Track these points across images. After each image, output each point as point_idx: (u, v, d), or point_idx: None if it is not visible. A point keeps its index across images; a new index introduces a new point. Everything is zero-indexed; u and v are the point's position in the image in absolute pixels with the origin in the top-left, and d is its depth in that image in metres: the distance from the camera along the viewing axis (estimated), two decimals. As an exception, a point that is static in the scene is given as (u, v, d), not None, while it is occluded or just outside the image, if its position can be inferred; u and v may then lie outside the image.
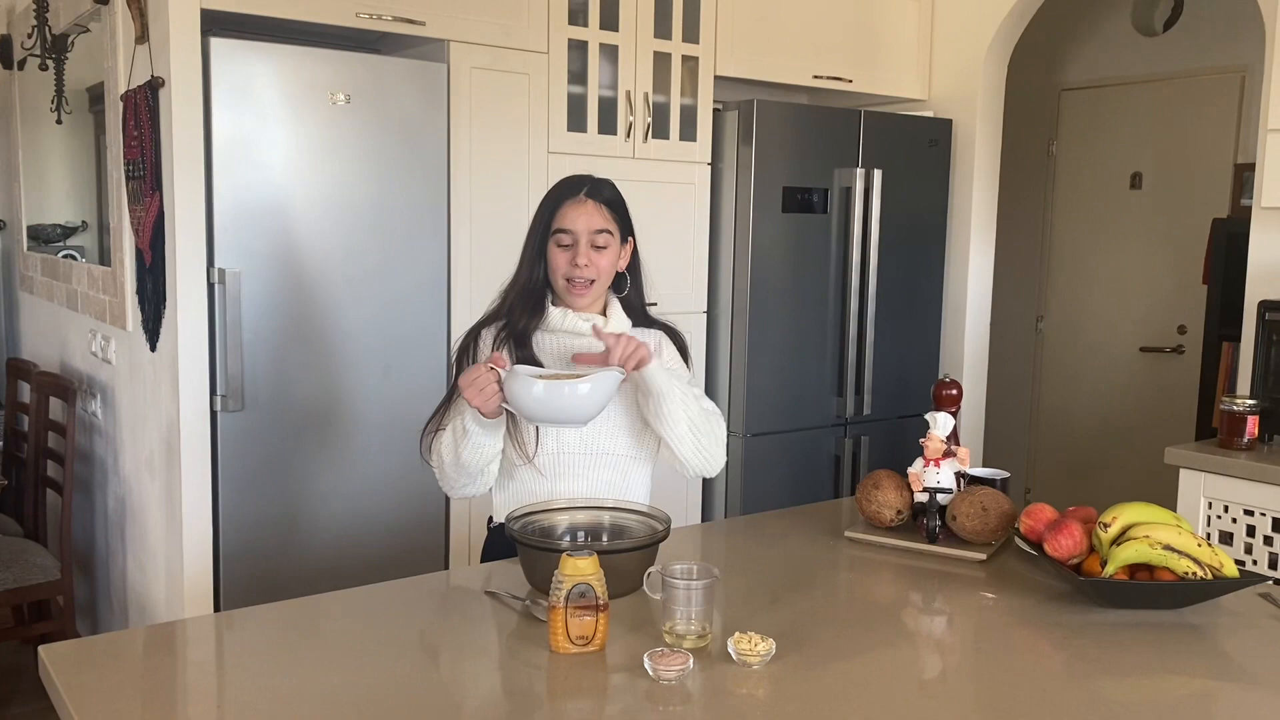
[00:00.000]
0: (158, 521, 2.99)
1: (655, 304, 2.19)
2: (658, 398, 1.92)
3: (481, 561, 2.07)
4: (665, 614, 1.58)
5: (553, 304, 2.02)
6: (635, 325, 2.08)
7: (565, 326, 2.01)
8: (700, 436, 1.97)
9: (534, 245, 2.01)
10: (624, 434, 2.01)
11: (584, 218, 1.97)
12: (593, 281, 1.98)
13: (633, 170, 3.42)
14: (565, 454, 1.98)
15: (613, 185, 2.05)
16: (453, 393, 2.00)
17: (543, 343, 2.02)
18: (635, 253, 2.08)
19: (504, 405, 1.81)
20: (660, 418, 1.93)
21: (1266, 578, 1.84)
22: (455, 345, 2.10)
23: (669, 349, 2.10)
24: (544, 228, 2.00)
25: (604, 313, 2.05)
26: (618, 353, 1.85)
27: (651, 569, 1.70)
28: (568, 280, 1.98)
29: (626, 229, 2.04)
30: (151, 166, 2.80)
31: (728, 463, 3.73)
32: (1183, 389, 4.59)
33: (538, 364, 1.95)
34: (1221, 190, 4.52)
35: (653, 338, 2.08)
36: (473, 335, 2.05)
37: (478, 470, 1.92)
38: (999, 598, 1.84)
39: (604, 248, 1.98)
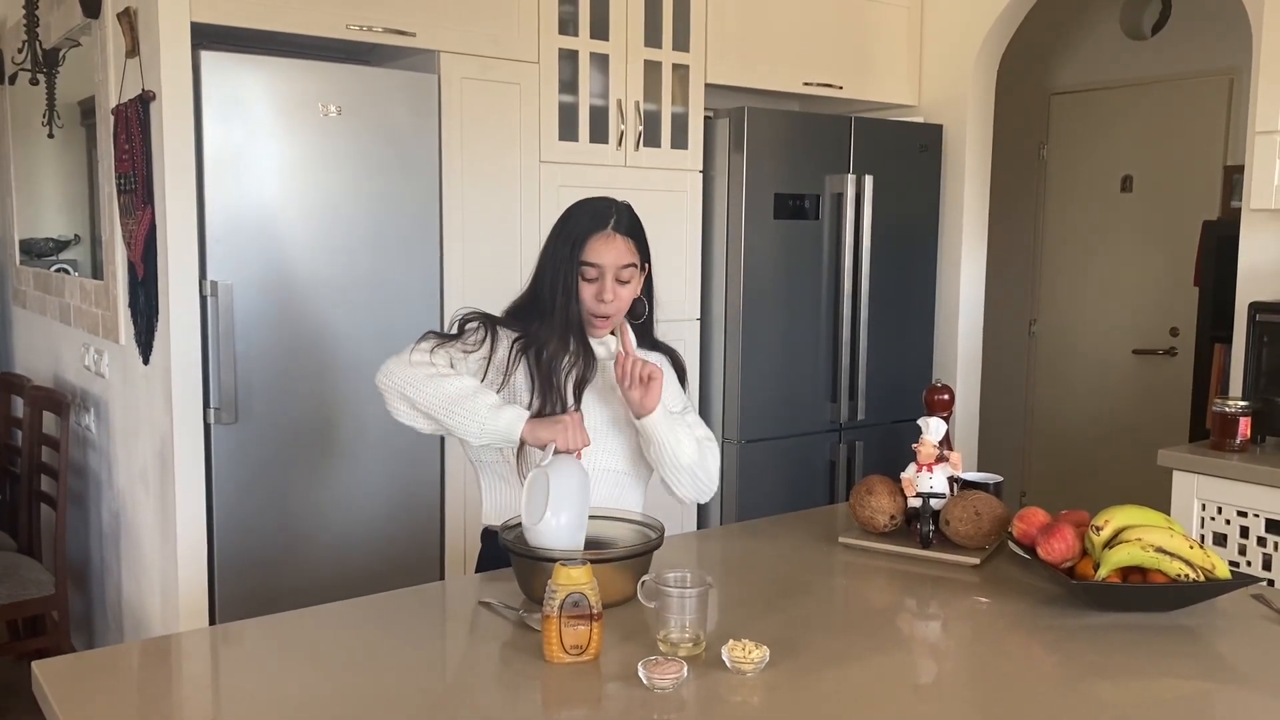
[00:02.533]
0: (152, 535, 2.99)
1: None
2: (660, 446, 1.96)
3: (477, 570, 2.08)
4: (659, 622, 1.59)
5: None
6: (639, 346, 2.08)
7: None
8: (698, 475, 2.02)
9: (564, 277, 1.95)
10: (623, 453, 2.03)
11: (612, 253, 1.95)
12: (612, 315, 2.00)
13: (625, 179, 3.42)
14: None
15: (632, 211, 2.03)
16: (451, 340, 1.98)
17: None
18: (649, 276, 2.08)
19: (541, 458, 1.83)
20: (663, 464, 1.99)
21: (1259, 579, 1.85)
22: (465, 311, 2.03)
23: (670, 375, 2.11)
24: (570, 259, 1.96)
25: (613, 332, 2.05)
26: (627, 367, 1.91)
27: (645, 577, 1.70)
28: (591, 313, 1.98)
29: (646, 256, 2.04)
30: (143, 180, 2.81)
31: (722, 469, 3.74)
32: (1175, 391, 4.59)
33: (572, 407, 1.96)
34: (1211, 192, 4.53)
35: (654, 361, 2.09)
36: (492, 325, 2.01)
37: (435, 428, 1.93)
38: (993, 602, 1.84)
39: (628, 282, 1.98)
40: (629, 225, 2.00)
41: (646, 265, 2.05)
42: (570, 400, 1.95)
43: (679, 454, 1.98)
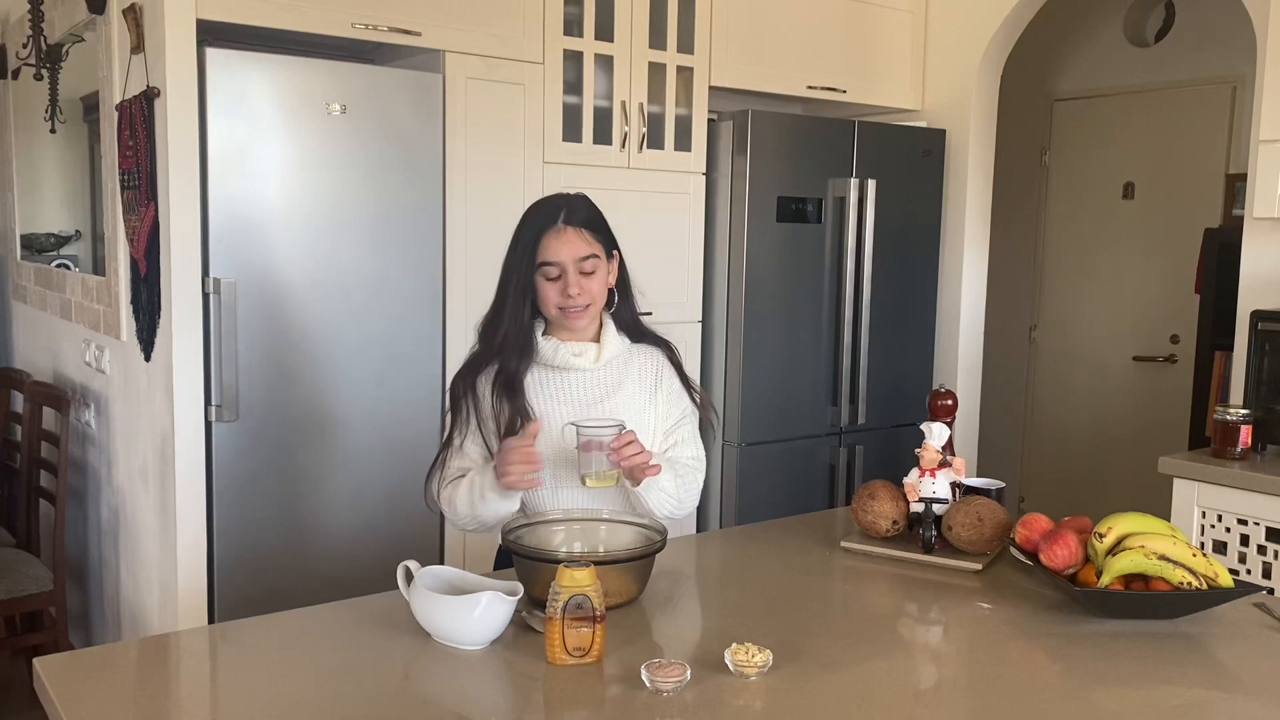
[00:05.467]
0: (151, 532, 2.98)
1: (650, 313, 2.19)
2: (640, 502, 1.94)
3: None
4: (581, 464, 1.81)
5: (543, 335, 1.99)
6: (633, 342, 2.06)
7: (557, 362, 1.98)
8: (679, 504, 2.00)
9: (518, 284, 1.94)
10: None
11: (567, 247, 1.92)
12: (588, 306, 1.95)
13: (628, 180, 3.42)
14: (571, 488, 1.98)
15: (588, 201, 1.99)
16: (451, 440, 1.99)
17: (537, 381, 1.98)
18: (622, 265, 2.04)
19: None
20: (647, 507, 1.95)
21: (1261, 587, 1.85)
22: (452, 381, 2.04)
23: (668, 372, 2.08)
24: (527, 262, 1.93)
25: (598, 337, 2.01)
26: (625, 455, 1.81)
27: (569, 423, 1.87)
28: (561, 309, 1.94)
29: (610, 245, 2.00)
30: (147, 176, 2.80)
31: (722, 472, 3.76)
32: (1175, 398, 4.60)
33: (526, 411, 1.93)
34: (1213, 200, 4.54)
35: (652, 358, 2.07)
36: (468, 385, 1.99)
37: (495, 524, 1.94)
38: (995, 608, 1.84)
39: (592, 273, 1.94)
40: (584, 216, 1.95)
41: (615, 253, 2.01)
42: (510, 402, 1.93)
43: (659, 510, 1.96)
